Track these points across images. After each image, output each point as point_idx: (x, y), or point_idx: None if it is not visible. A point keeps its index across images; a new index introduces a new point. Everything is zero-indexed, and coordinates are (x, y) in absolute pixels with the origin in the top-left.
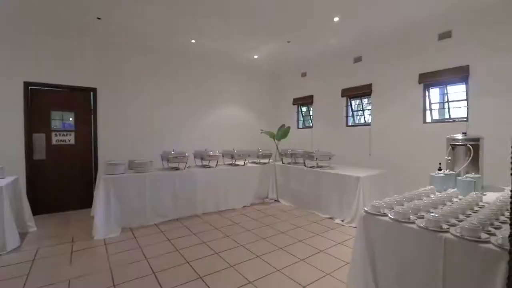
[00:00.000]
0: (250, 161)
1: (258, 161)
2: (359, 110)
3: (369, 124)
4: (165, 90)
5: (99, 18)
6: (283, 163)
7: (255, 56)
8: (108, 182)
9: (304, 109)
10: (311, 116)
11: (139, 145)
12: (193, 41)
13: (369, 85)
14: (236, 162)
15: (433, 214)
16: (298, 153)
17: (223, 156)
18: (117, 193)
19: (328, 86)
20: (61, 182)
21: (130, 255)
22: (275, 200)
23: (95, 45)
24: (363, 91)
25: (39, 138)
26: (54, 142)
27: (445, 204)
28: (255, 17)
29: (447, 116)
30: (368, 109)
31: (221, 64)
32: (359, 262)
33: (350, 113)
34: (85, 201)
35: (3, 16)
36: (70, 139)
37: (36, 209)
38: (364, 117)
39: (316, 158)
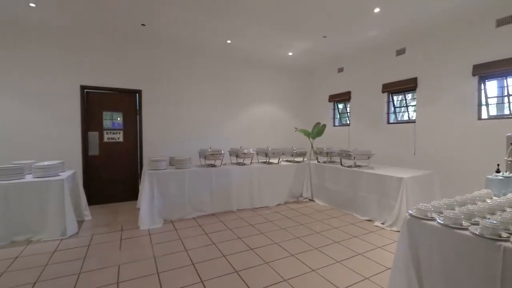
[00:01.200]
0: (284, 159)
1: (292, 159)
2: (402, 106)
3: (413, 121)
4: (202, 91)
5: (143, 25)
6: (318, 162)
7: (290, 54)
8: (152, 177)
9: (340, 106)
10: (348, 114)
11: (178, 142)
12: (228, 41)
13: (414, 79)
14: (270, 160)
15: (490, 221)
16: (334, 151)
17: (257, 154)
18: (160, 187)
19: (367, 81)
20: (112, 176)
21: (171, 246)
22: (310, 200)
23: (140, 50)
24: (407, 86)
25: (93, 136)
26: (105, 139)
27: (504, 210)
28: (289, 14)
29: (507, 112)
30: (413, 105)
31: (255, 63)
32: (402, 268)
33: (392, 109)
34: (132, 194)
35: (62, 29)
36: (119, 137)
37: (91, 200)
38: (408, 114)
39: (354, 157)
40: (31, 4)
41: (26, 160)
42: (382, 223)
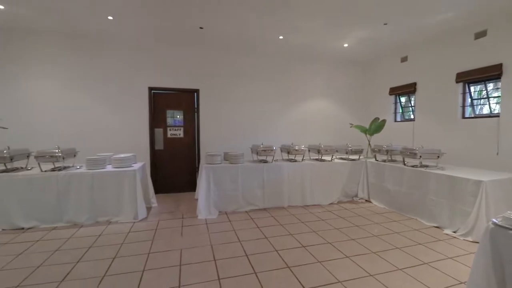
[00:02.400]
0: (337, 156)
1: (347, 157)
2: (482, 98)
3: (497, 115)
4: (255, 88)
5: (201, 28)
6: (376, 160)
7: (345, 45)
8: (208, 170)
9: (403, 99)
10: (413, 107)
11: (232, 138)
12: (280, 37)
13: (498, 66)
14: (322, 157)
15: None
16: (396, 149)
17: (309, 150)
18: (215, 180)
19: (437, 70)
20: (173, 169)
21: (226, 236)
22: (366, 200)
23: (197, 51)
24: (489, 74)
25: (158, 132)
26: (168, 135)
27: None
28: (345, 2)
29: None
30: (495, 96)
31: (308, 57)
32: (482, 285)
33: (468, 101)
34: (190, 185)
35: (132, 37)
36: (180, 133)
37: (156, 189)
38: (490, 106)
39: (420, 156)
40: (109, 17)
41: (106, 153)
42: (454, 232)
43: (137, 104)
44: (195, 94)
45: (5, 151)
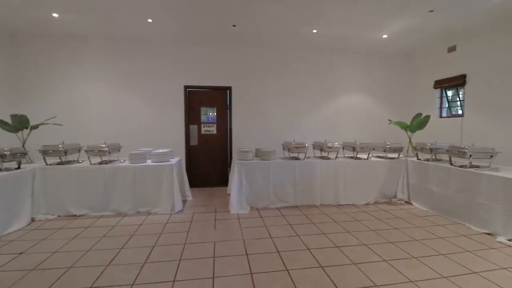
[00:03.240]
0: (374, 155)
1: (385, 155)
2: None
3: None
4: (287, 84)
5: (234, 26)
6: (418, 159)
7: (384, 36)
8: (240, 166)
9: (450, 93)
10: (461, 102)
11: (263, 135)
12: (314, 31)
13: None
14: (358, 156)
15: None
16: (442, 147)
17: (343, 148)
18: (247, 176)
19: (492, 60)
20: (207, 164)
21: (258, 231)
22: (406, 202)
23: (230, 49)
24: None
25: (193, 129)
26: (202, 132)
27: None
28: None
29: None
30: None
31: (343, 51)
32: None
33: None
34: (223, 180)
35: (169, 38)
36: (213, 129)
37: (191, 183)
38: None
39: (470, 155)
40: (149, 20)
41: (146, 148)
42: (509, 240)
43: (174, 102)
44: (228, 91)
45: (60, 146)
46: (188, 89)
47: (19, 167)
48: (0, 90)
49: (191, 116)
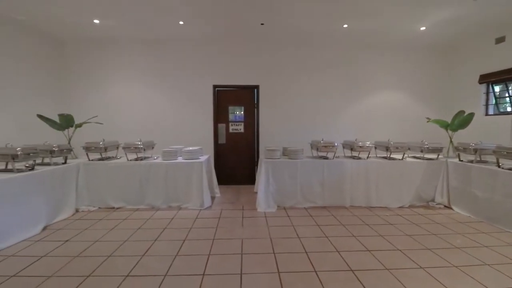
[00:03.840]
0: (410, 155)
1: (422, 156)
2: None
3: None
4: (316, 81)
5: (262, 24)
6: (460, 160)
7: (422, 28)
8: (267, 165)
9: (497, 88)
10: (511, 98)
11: (291, 133)
12: (345, 25)
13: None
14: (391, 156)
15: None
16: (488, 148)
17: (375, 148)
18: (274, 175)
19: None
20: (234, 162)
21: (285, 231)
22: (445, 207)
23: (258, 48)
24: None
25: (221, 127)
26: (230, 130)
27: None
28: None
29: None
30: None
31: (375, 46)
32: None
33: None
34: (250, 178)
35: (200, 39)
36: (241, 128)
37: (219, 180)
38: None
39: None
40: (180, 22)
41: (177, 146)
42: None
43: (203, 102)
44: (255, 90)
45: (101, 143)
46: (216, 88)
47: (65, 162)
48: (50, 92)
49: (220, 114)
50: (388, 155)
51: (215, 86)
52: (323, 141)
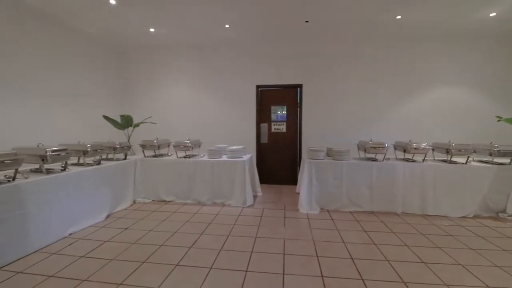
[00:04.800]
0: (475, 158)
1: (491, 159)
2: None
3: None
4: (364, 78)
5: (306, 22)
6: None
7: (492, 14)
8: (310, 165)
9: None
10: None
11: (336, 133)
12: (398, 17)
13: None
14: (452, 159)
15: None
16: None
17: (433, 150)
18: (317, 176)
19: None
20: (276, 161)
21: (328, 234)
22: None
23: (302, 46)
24: None
25: (264, 127)
26: (272, 130)
27: None
28: None
29: None
30: None
31: (431, 37)
32: None
33: None
34: (291, 178)
35: (244, 41)
36: (283, 128)
37: (260, 179)
38: None
39: None
40: (226, 26)
41: (221, 144)
42: None
43: (247, 102)
44: (298, 89)
45: (155, 141)
46: (259, 89)
47: (125, 158)
48: (113, 96)
49: (262, 114)
50: (449, 158)
51: (258, 86)
52: (372, 141)
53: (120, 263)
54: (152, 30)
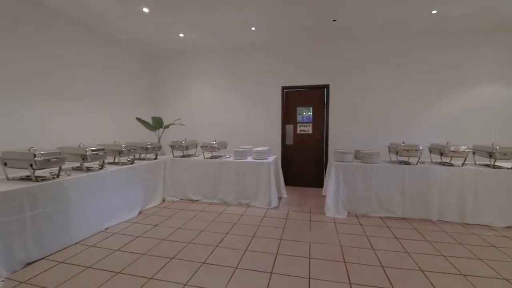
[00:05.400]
0: None
1: None
2: None
3: None
4: (393, 77)
5: (334, 20)
6: None
7: None
8: (337, 168)
9: None
10: None
11: (364, 135)
12: (434, 11)
13: None
14: (496, 163)
15: None
16: None
17: (473, 153)
18: (345, 179)
19: None
20: (302, 163)
21: (357, 240)
22: None
23: (328, 46)
24: None
25: (289, 128)
26: (298, 131)
27: None
28: None
29: None
30: None
31: (471, 31)
32: None
33: None
34: (317, 181)
35: (269, 40)
36: (309, 129)
37: (285, 181)
38: None
39: None
40: (252, 28)
41: (246, 146)
42: None
43: (272, 103)
44: (325, 89)
45: (183, 142)
46: (285, 90)
47: (156, 158)
48: (145, 98)
49: (287, 115)
50: (492, 163)
51: (283, 88)
52: (405, 143)
53: (151, 258)
54: (181, 35)
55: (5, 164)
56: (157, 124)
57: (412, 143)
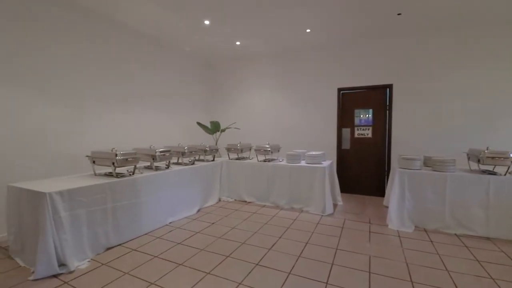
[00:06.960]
0: None
1: None
2: None
3: None
4: (467, 75)
5: (399, 14)
6: None
7: None
8: (403, 176)
9: None
10: None
11: (432, 140)
12: None
13: None
14: None
15: None
16: None
17: None
18: (412, 189)
19: None
20: (359, 169)
21: (426, 258)
22: None
23: (392, 43)
24: None
25: (346, 132)
26: (356, 135)
27: None
28: None
29: None
30: None
31: None
32: None
33: None
34: (377, 189)
35: (324, 41)
36: (368, 133)
37: (341, 188)
38: None
39: None
40: (307, 30)
41: (300, 149)
42: None
43: (327, 106)
44: (387, 90)
45: (238, 145)
46: (341, 92)
47: (213, 159)
48: (204, 103)
49: (344, 118)
50: None
51: (340, 89)
52: (489, 150)
53: (208, 254)
54: (238, 43)
55: (94, 162)
56: (214, 128)
57: (500, 150)
